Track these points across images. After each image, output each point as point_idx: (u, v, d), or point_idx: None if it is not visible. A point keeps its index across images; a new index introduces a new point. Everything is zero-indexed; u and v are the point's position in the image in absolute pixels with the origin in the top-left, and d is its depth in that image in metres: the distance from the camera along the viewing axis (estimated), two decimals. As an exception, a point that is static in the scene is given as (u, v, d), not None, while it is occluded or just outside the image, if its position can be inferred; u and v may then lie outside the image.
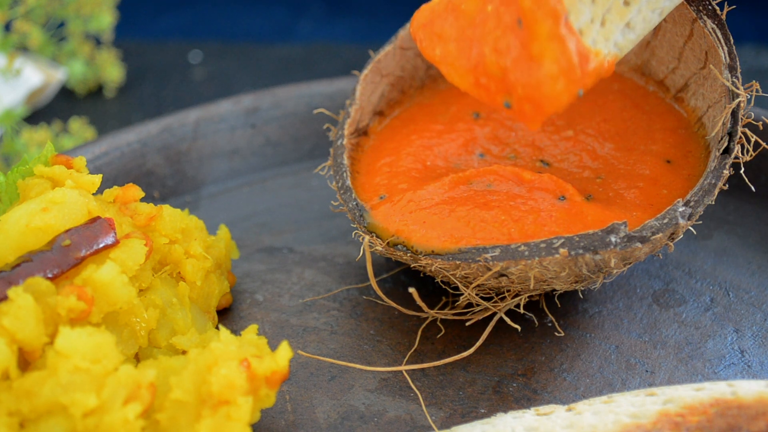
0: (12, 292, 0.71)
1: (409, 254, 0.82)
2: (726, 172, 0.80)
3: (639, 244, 0.75)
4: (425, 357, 0.87)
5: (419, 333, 0.89)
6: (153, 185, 1.09)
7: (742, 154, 0.83)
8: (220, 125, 1.13)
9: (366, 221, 0.86)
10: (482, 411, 0.81)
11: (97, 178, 0.85)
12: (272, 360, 0.73)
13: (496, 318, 0.84)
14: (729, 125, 0.82)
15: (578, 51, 0.71)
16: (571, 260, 0.76)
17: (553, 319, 0.89)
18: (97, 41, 1.60)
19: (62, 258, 0.75)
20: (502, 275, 0.79)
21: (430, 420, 0.81)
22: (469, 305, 0.91)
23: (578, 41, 0.71)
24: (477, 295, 0.84)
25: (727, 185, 0.87)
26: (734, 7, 0.86)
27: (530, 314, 0.90)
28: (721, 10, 0.86)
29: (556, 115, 0.94)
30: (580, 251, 0.75)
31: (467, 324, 0.87)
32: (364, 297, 0.94)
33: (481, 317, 0.86)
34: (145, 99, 1.55)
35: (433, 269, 0.82)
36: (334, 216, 1.05)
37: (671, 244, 0.80)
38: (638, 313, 0.90)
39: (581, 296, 0.91)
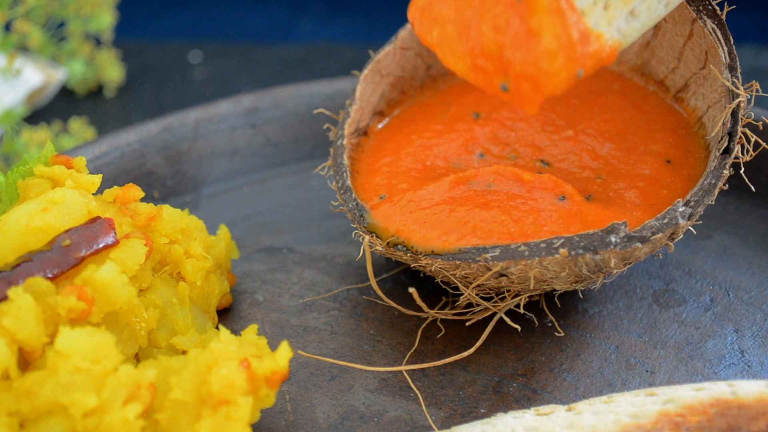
0: (12, 292, 0.71)
1: (409, 254, 0.82)
2: (726, 172, 0.80)
3: (639, 244, 0.75)
4: (425, 357, 0.87)
5: (419, 333, 0.89)
6: (153, 185, 1.09)
7: (742, 154, 0.83)
8: (220, 125, 1.13)
9: (366, 221, 0.86)
10: (482, 411, 0.81)
11: (97, 178, 0.85)
12: (272, 360, 0.73)
13: (496, 318, 0.84)
14: (729, 125, 0.82)
15: (579, 28, 0.69)
16: (571, 260, 0.76)
17: (553, 319, 0.89)
18: (97, 41, 1.60)
19: (62, 258, 0.75)
20: (502, 275, 0.79)
21: (430, 420, 0.81)
22: (469, 305, 0.91)
23: (579, 18, 0.69)
24: (477, 295, 0.84)
25: (727, 185, 0.87)
26: (734, 7, 0.86)
27: (530, 314, 0.90)
28: (721, 10, 0.86)
29: (555, 115, 0.94)
30: (580, 251, 0.75)
31: (467, 324, 0.87)
32: (364, 297, 0.94)
33: (481, 317, 0.86)
34: (145, 99, 1.55)
35: (433, 269, 0.82)
36: (334, 216, 1.05)
37: (671, 244, 0.80)
38: (638, 313, 0.90)
39: (581, 296, 0.91)
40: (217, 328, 0.89)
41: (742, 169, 0.89)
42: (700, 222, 0.99)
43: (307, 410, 0.82)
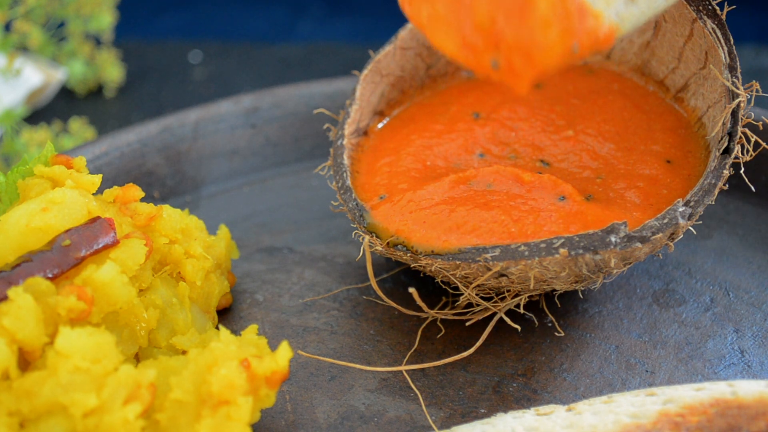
0: (12, 292, 0.71)
1: (409, 254, 0.82)
2: (726, 172, 0.80)
3: (639, 244, 0.75)
4: (425, 357, 0.87)
5: (419, 333, 0.89)
6: (153, 185, 1.09)
7: (742, 154, 0.83)
8: (220, 125, 1.13)
9: (366, 221, 0.86)
10: (482, 411, 0.81)
11: (97, 178, 0.85)
12: (272, 360, 0.73)
13: (496, 318, 0.84)
14: (729, 125, 0.82)
15: (576, 0, 0.66)
16: (571, 260, 0.76)
17: (553, 319, 0.89)
18: (97, 41, 1.60)
19: (62, 258, 0.75)
20: (502, 275, 0.79)
21: (430, 420, 0.81)
22: (469, 305, 0.91)
23: None
24: (477, 295, 0.84)
25: (727, 185, 0.87)
26: (734, 7, 0.86)
27: (530, 314, 0.90)
28: (721, 10, 0.86)
29: (555, 115, 0.94)
30: (580, 251, 0.75)
31: (467, 324, 0.87)
32: (364, 297, 0.94)
33: (481, 317, 0.86)
34: (145, 99, 1.55)
35: (433, 269, 0.82)
36: (334, 216, 1.05)
37: (671, 244, 0.80)
38: (638, 313, 0.90)
39: (581, 296, 0.91)
40: (217, 328, 0.89)
41: (742, 169, 0.89)
42: (700, 222, 0.99)
43: (307, 410, 0.82)
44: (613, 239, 0.74)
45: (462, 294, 0.88)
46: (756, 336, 0.87)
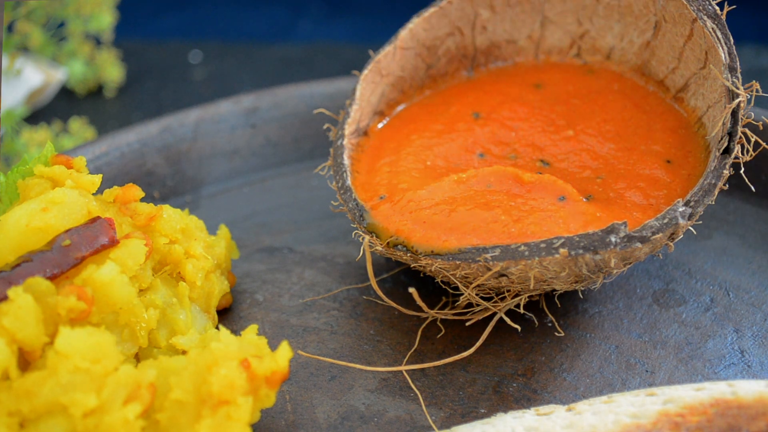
0: (12, 292, 0.71)
1: (409, 254, 0.82)
2: (726, 172, 0.80)
3: (639, 244, 0.75)
4: (425, 357, 0.87)
5: (419, 333, 0.89)
6: (153, 185, 1.09)
7: (742, 154, 0.83)
8: (220, 125, 1.13)
9: (366, 221, 0.86)
10: (482, 411, 0.81)
11: (97, 178, 0.85)
12: (272, 360, 0.73)
13: (496, 318, 0.84)
14: (729, 125, 0.82)
15: None
16: (571, 260, 0.76)
17: (553, 319, 0.89)
18: (97, 41, 1.60)
19: (62, 258, 0.75)
20: (502, 275, 0.79)
21: (430, 420, 0.81)
22: (469, 305, 0.91)
23: None
24: (477, 295, 0.84)
25: (727, 185, 0.87)
26: (734, 7, 0.86)
27: (530, 314, 0.90)
28: (721, 10, 0.86)
29: (555, 115, 0.94)
30: (580, 251, 0.75)
31: (467, 324, 0.87)
32: (364, 297, 0.94)
33: (481, 317, 0.86)
34: (145, 99, 1.55)
35: (433, 269, 0.82)
36: (334, 216, 1.05)
37: (671, 244, 0.80)
38: (638, 313, 0.90)
39: (581, 296, 0.91)
40: (217, 328, 0.89)
41: (742, 169, 0.89)
42: (700, 222, 0.99)
43: (307, 410, 0.82)
44: (613, 239, 0.74)
45: (462, 294, 0.88)
46: (756, 336, 0.87)
